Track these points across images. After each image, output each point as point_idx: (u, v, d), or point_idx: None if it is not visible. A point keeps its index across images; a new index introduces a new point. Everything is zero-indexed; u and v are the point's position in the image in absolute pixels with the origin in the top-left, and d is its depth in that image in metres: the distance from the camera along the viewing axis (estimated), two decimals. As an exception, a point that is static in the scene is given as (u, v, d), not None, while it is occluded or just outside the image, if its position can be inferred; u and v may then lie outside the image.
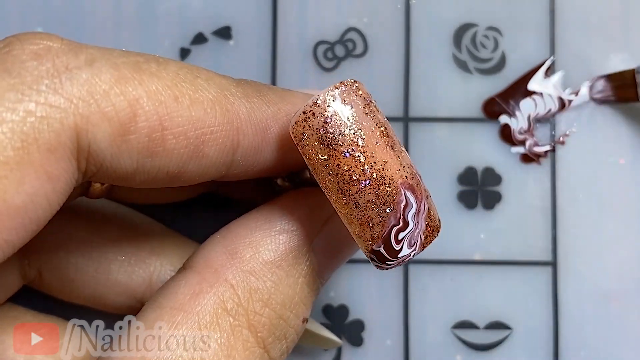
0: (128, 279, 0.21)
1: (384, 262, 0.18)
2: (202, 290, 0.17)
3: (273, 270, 0.18)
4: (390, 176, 0.17)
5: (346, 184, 0.17)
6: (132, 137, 0.16)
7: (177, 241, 0.23)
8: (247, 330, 0.17)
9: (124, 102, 0.15)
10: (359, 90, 0.17)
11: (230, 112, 0.17)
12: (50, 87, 0.15)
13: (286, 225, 0.18)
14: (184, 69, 0.17)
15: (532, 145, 0.25)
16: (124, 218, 0.23)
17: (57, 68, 0.15)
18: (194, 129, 0.16)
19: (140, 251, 0.21)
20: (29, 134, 0.14)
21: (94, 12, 0.25)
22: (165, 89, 0.16)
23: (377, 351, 0.24)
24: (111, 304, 0.21)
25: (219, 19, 0.25)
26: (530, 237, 0.24)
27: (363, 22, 0.25)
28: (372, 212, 0.17)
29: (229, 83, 0.18)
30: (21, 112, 0.14)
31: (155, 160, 0.16)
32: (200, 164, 0.17)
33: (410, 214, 0.17)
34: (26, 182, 0.14)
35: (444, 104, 0.25)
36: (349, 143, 0.17)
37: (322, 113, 0.17)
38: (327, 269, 0.19)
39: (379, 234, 0.17)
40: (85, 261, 0.21)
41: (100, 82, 0.15)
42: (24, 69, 0.15)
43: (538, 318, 0.24)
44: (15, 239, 0.15)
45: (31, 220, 0.15)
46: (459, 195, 0.25)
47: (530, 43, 0.25)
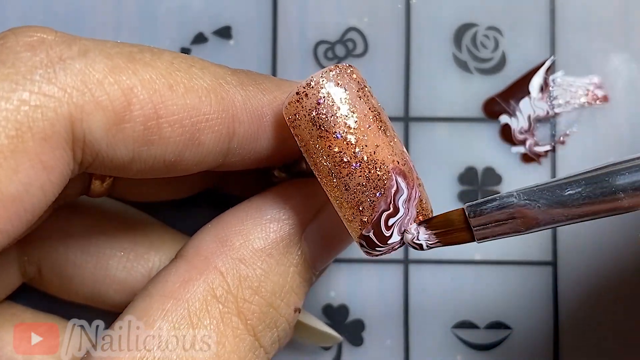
0: (127, 275, 0.21)
1: (374, 248, 0.17)
2: (191, 277, 0.17)
3: (263, 258, 0.18)
4: (381, 160, 0.17)
5: (337, 165, 0.17)
6: (127, 125, 0.16)
7: (176, 237, 0.23)
8: (236, 318, 0.17)
9: (118, 91, 0.16)
10: (353, 74, 0.17)
11: (225, 100, 0.17)
12: (44, 77, 0.15)
13: (277, 214, 0.18)
14: (178, 58, 0.17)
15: (533, 145, 0.25)
16: (122, 214, 0.23)
17: (51, 58, 0.15)
18: (189, 117, 0.16)
19: (139, 247, 0.21)
20: (23, 122, 0.14)
21: (94, 12, 0.25)
22: (160, 78, 0.16)
23: (377, 351, 0.24)
24: (110, 301, 0.21)
25: (219, 18, 0.25)
26: (530, 237, 0.24)
27: (363, 22, 0.25)
28: (362, 195, 0.17)
29: (225, 72, 0.18)
30: (15, 100, 0.14)
31: (151, 149, 0.16)
32: (196, 152, 0.17)
33: (401, 199, 0.17)
34: (21, 171, 0.14)
35: (445, 103, 0.25)
36: (341, 125, 0.17)
37: (314, 94, 0.17)
38: (319, 259, 0.19)
39: (369, 219, 0.17)
40: (84, 257, 0.21)
41: (94, 72, 0.15)
42: (18, 60, 0.15)
43: (538, 318, 0.24)
44: (10, 229, 0.15)
45: (26, 210, 0.15)
46: (459, 195, 0.25)
47: (531, 43, 0.25)
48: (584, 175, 0.17)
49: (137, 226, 0.22)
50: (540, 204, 0.17)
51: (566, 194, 0.17)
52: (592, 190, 0.17)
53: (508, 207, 0.17)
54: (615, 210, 0.17)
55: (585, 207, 0.17)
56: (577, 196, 0.17)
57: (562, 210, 0.17)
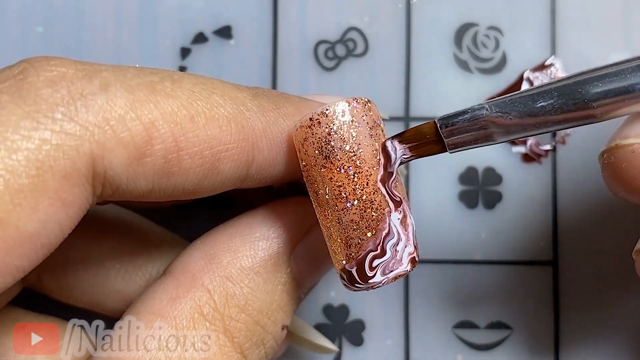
0: (125, 286, 0.21)
1: (353, 284, 0.17)
2: (178, 295, 0.17)
3: (251, 277, 0.18)
4: (379, 202, 0.17)
5: (334, 198, 0.17)
6: (148, 160, 0.16)
7: (174, 246, 0.22)
8: (223, 335, 0.17)
9: (140, 126, 0.15)
10: (371, 110, 0.17)
11: (245, 129, 0.17)
12: (66, 115, 0.15)
13: (266, 232, 0.18)
14: (198, 85, 0.17)
15: (533, 144, 0.25)
16: (122, 223, 0.22)
17: (72, 95, 0.15)
18: (209, 148, 0.16)
19: (137, 258, 0.21)
20: (45, 161, 0.14)
21: (94, 12, 0.25)
22: (181, 109, 0.16)
23: (377, 351, 0.24)
24: (109, 309, 0.21)
25: (219, 18, 0.25)
26: (530, 237, 0.24)
27: (364, 22, 0.25)
28: (353, 232, 0.17)
29: (245, 97, 0.17)
30: (37, 140, 0.14)
31: (171, 180, 0.16)
32: (215, 180, 0.17)
33: (390, 243, 0.17)
34: (40, 210, 0.14)
35: (445, 103, 0.25)
36: (347, 160, 0.17)
37: (328, 124, 0.17)
38: (308, 278, 0.19)
39: (355, 255, 0.17)
40: (84, 268, 0.21)
41: (115, 107, 0.15)
42: (39, 97, 0.15)
43: (538, 318, 0.24)
44: (26, 264, 0.15)
45: (43, 245, 0.15)
46: (459, 194, 0.25)
47: (531, 43, 0.25)
48: (555, 85, 0.16)
49: (137, 236, 0.22)
50: (512, 115, 0.17)
51: (538, 105, 0.17)
52: (564, 102, 0.16)
53: (479, 119, 0.17)
54: (587, 119, 0.16)
55: (556, 117, 0.16)
56: (549, 108, 0.16)
57: (534, 120, 0.17)
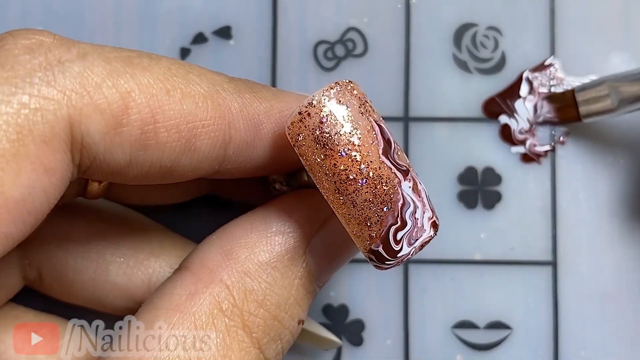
0: (127, 281, 0.21)
1: (383, 262, 0.18)
2: (197, 290, 0.17)
3: (268, 272, 0.18)
4: (387, 175, 0.17)
5: (343, 183, 0.17)
6: (125, 129, 0.16)
7: (176, 242, 0.23)
8: (242, 331, 0.17)
9: (116, 94, 0.16)
10: (354, 90, 0.17)
11: (222, 107, 0.17)
12: (43, 80, 0.15)
13: (282, 227, 0.18)
14: (175, 64, 0.17)
15: (533, 145, 0.25)
16: (123, 219, 0.23)
17: (50, 61, 0.15)
18: (185, 122, 0.16)
19: (139, 253, 0.21)
20: (24, 125, 0.14)
21: (94, 12, 0.25)
22: (157, 83, 0.16)
23: (377, 351, 0.24)
24: (110, 305, 0.21)
25: (219, 18, 0.25)
26: (530, 237, 0.24)
27: (363, 22, 0.25)
28: (370, 211, 0.17)
29: (222, 79, 0.18)
30: (15, 104, 0.14)
31: (147, 154, 0.16)
32: (192, 158, 0.17)
33: (408, 212, 0.17)
34: (23, 174, 0.14)
35: (444, 103, 0.25)
36: (345, 142, 0.17)
37: (317, 113, 0.17)
38: (324, 272, 0.19)
39: (377, 234, 0.17)
40: (84, 262, 0.21)
41: (92, 75, 0.15)
42: (17, 63, 0.15)
43: (538, 318, 0.24)
44: (14, 232, 0.15)
45: (29, 212, 0.15)
46: (459, 195, 0.25)
47: (531, 43, 0.25)
48: None
49: (138, 232, 0.22)
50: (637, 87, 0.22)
51: None
52: None
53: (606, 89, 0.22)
54: None
55: None
56: None
57: None
